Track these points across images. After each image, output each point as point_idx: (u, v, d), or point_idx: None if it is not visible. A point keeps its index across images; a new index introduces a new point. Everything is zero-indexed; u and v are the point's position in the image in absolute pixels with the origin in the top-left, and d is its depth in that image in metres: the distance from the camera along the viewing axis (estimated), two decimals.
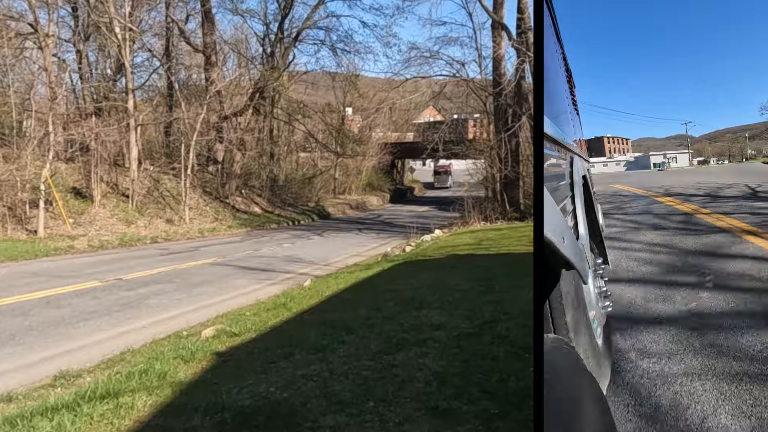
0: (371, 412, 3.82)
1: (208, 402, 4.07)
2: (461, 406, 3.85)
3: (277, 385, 4.39)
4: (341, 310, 7.16)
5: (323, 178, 36.90)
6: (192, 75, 31.59)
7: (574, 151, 3.60)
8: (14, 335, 7.37)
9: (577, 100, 6.28)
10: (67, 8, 23.83)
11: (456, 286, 8.12)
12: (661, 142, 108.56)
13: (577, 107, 6.24)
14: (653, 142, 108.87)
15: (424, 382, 4.32)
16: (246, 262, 14.34)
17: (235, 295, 10.07)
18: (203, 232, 21.58)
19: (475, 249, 13.21)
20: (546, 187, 1.74)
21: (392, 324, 6.12)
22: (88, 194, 20.55)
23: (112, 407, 4.11)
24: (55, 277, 11.58)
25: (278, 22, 30.34)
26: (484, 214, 22.59)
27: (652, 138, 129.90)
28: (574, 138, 4.31)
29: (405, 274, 10.20)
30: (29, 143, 18.15)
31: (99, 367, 5.87)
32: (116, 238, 18.13)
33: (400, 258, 13.30)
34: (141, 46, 25.98)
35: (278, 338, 5.98)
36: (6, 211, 17.02)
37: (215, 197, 26.48)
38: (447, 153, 29.11)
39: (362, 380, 4.42)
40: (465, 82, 26.90)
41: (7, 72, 20.07)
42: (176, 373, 4.93)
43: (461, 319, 6.16)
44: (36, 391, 5.17)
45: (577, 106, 6.12)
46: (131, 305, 9.17)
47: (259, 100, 29.14)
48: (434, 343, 5.30)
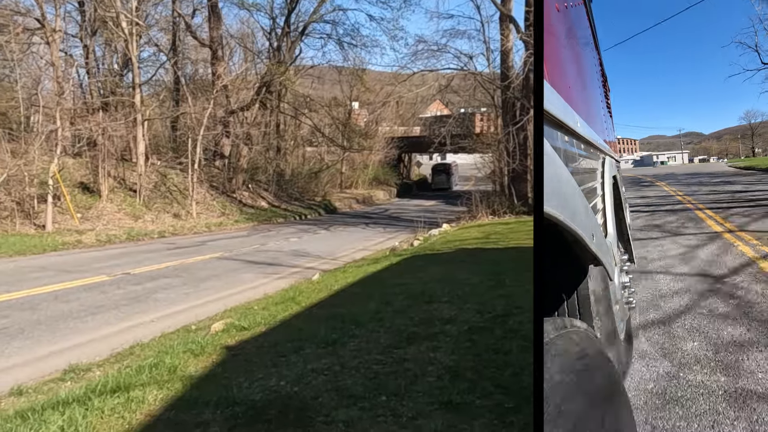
0: (384, 406, 3.78)
1: (219, 396, 4.04)
2: (474, 401, 3.80)
3: (288, 379, 4.36)
4: (350, 304, 7.12)
5: (330, 173, 36.84)
6: (198, 69, 31.60)
7: (606, 152, 3.68)
8: (23, 329, 7.37)
9: (611, 104, 6.51)
10: (73, 3, 23.87)
11: (465, 280, 8.07)
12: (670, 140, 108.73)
13: (611, 111, 6.41)
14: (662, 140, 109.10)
15: (436, 376, 4.27)
16: (253, 256, 14.33)
17: (243, 289, 10.06)
18: (210, 227, 21.59)
19: (483, 243, 13.15)
20: (578, 185, 1.82)
21: (402, 318, 6.08)
22: (95, 189, 20.59)
23: (123, 401, 4.08)
24: (63, 272, 11.59)
25: (285, 16, 30.25)
26: (491, 208, 22.48)
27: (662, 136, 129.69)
28: (606, 140, 4.38)
29: (413, 269, 10.15)
30: (37, 138, 18.18)
31: (108, 361, 5.86)
32: (123, 232, 18.16)
33: (408, 252, 13.25)
34: (147, 40, 25.99)
35: (288, 332, 5.95)
36: (14, 206, 17.07)
37: (222, 192, 26.49)
38: (454, 147, 28.99)
39: (373, 374, 4.38)
40: (472, 75, 26.76)
41: (14, 67, 20.06)
42: (186, 367, 4.91)
43: (472, 313, 6.11)
44: (46, 385, 5.16)
45: (611, 109, 6.31)
46: (139, 299, 9.16)
47: (265, 95, 29.08)
48: (445, 337, 5.25)
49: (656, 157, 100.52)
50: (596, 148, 3.16)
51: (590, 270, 2.26)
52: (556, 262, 2.16)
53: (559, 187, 1.52)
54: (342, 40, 31.60)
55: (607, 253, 2.37)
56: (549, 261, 2.05)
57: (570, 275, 2.25)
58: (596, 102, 3.82)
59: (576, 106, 2.32)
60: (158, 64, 27.85)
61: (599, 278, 2.38)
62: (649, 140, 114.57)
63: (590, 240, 1.84)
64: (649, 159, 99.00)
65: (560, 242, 1.81)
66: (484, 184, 26.30)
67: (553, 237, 1.72)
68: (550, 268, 2.15)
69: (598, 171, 3.14)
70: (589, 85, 3.21)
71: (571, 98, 2.20)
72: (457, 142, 28.19)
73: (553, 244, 1.84)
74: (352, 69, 33.85)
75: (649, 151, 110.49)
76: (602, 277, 2.42)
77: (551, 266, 2.16)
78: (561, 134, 1.97)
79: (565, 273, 2.24)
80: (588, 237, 1.81)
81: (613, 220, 3.13)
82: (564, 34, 2.17)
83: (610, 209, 3.10)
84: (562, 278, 2.26)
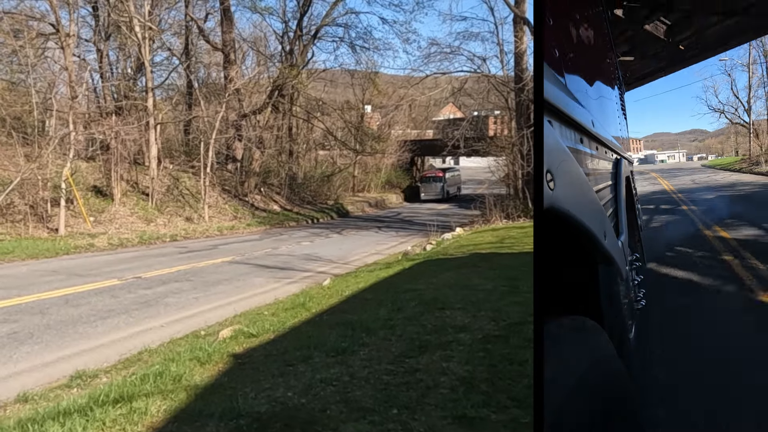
0: (394, 420, 3.62)
1: (223, 408, 3.90)
2: (489, 415, 3.64)
3: (296, 390, 4.21)
4: (361, 311, 6.97)
5: (342, 176, 36.73)
6: (211, 73, 31.71)
7: (620, 154, 3.79)
8: (32, 334, 7.31)
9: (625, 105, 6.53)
10: (87, 8, 24.00)
11: (479, 286, 7.89)
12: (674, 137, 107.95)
13: (625, 111, 6.39)
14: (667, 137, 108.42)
15: (449, 388, 4.11)
16: (264, 260, 14.24)
17: (253, 294, 9.95)
18: (222, 230, 21.56)
19: (497, 248, 12.93)
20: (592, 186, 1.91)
21: (414, 325, 5.91)
22: (108, 192, 20.64)
23: (125, 412, 3.96)
24: (75, 275, 11.57)
25: (297, 19, 30.25)
26: (505, 212, 22.25)
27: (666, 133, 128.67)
28: (620, 140, 4.48)
29: (426, 274, 9.98)
30: (50, 142, 18.26)
31: (116, 368, 5.77)
32: (136, 236, 18.17)
33: (420, 257, 13.08)
34: (160, 45, 26.08)
35: (297, 339, 5.81)
36: (28, 209, 17.13)
37: (234, 195, 26.49)
38: (468, 150, 28.78)
39: (384, 385, 4.22)
40: (486, 77, 26.57)
41: (29, 72, 20.20)
42: (192, 376, 4.78)
43: (486, 320, 5.93)
44: (52, 392, 5.07)
45: (625, 110, 6.31)
46: (149, 304, 9.08)
47: (278, 98, 29.08)
48: (459, 346, 5.08)
49: (657, 156, 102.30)
50: (610, 149, 3.23)
51: (602, 269, 2.32)
52: (569, 261, 2.20)
53: (572, 186, 1.53)
54: (354, 44, 31.57)
55: (619, 253, 2.44)
56: (561, 259, 2.12)
57: (582, 273, 2.30)
58: (612, 104, 3.84)
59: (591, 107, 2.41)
60: (171, 68, 27.99)
61: (610, 277, 2.46)
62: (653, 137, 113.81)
63: (602, 239, 1.90)
64: (652, 157, 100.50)
65: (573, 241, 1.86)
66: (497, 187, 26.02)
67: (566, 235, 1.79)
68: (562, 266, 2.20)
69: (612, 172, 3.21)
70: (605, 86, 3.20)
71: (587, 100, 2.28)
72: (471, 145, 27.98)
73: (565, 242, 1.93)
74: (365, 72, 33.78)
75: (653, 149, 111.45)
76: (613, 275, 2.50)
77: (563, 264, 2.20)
78: (576, 135, 2.00)
79: (577, 270, 2.28)
80: (600, 236, 1.87)
81: (625, 221, 3.20)
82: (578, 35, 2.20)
83: (623, 210, 3.18)
84: (574, 275, 2.30)
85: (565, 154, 1.53)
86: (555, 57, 1.60)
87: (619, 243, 2.68)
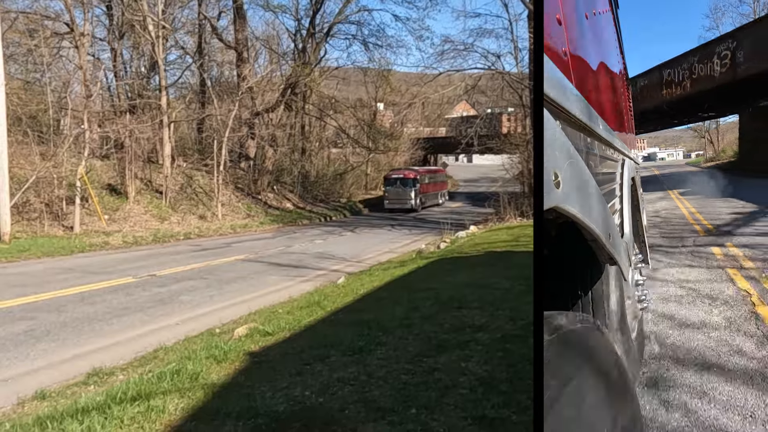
0: (414, 420, 3.57)
1: (241, 407, 3.87)
2: (510, 416, 3.57)
3: (313, 389, 4.17)
4: (377, 309, 6.92)
5: (355, 174, 36.68)
6: (224, 72, 31.80)
7: (625, 154, 3.79)
8: (49, 331, 7.35)
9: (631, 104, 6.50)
10: (101, 7, 24.16)
11: (496, 285, 7.80)
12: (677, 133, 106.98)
13: (632, 109, 6.33)
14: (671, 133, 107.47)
15: (468, 388, 4.05)
16: (278, 258, 14.24)
17: (267, 292, 9.94)
18: (235, 228, 21.62)
19: (513, 246, 12.82)
20: (598, 186, 1.92)
21: (431, 324, 5.85)
22: (122, 191, 20.76)
23: (143, 410, 3.94)
24: (90, 273, 11.63)
25: (309, 17, 30.25)
26: (520, 210, 22.05)
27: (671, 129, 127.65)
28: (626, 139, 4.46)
29: (441, 272, 9.91)
30: (65, 141, 18.39)
31: (132, 365, 5.78)
32: (150, 234, 18.26)
33: (435, 255, 13.01)
34: (174, 43, 26.23)
35: (313, 338, 5.77)
36: (43, 207, 17.27)
37: (247, 193, 26.55)
38: (481, 148, 28.61)
39: (402, 385, 4.17)
40: (500, 74, 26.36)
41: (44, 71, 20.37)
42: (209, 374, 4.76)
43: (504, 320, 5.85)
44: (69, 389, 5.08)
45: (632, 108, 6.26)
46: (164, 302, 9.10)
47: (290, 96, 29.09)
48: (477, 345, 5.01)
49: (657, 154, 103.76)
50: (616, 150, 3.28)
51: (605, 268, 2.35)
52: (573, 260, 2.25)
53: (578, 187, 1.54)
54: (367, 41, 31.54)
55: (623, 253, 2.44)
56: (565, 258, 2.19)
57: (586, 273, 2.34)
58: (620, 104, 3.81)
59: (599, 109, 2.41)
60: (184, 66, 28.09)
61: (614, 277, 2.48)
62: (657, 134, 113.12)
63: (607, 239, 1.91)
64: (654, 156, 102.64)
65: (577, 240, 1.87)
66: (511, 185, 25.85)
67: (570, 235, 1.83)
68: (567, 265, 2.26)
69: (617, 172, 3.25)
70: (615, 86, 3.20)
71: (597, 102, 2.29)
72: (484, 142, 27.80)
73: (570, 242, 1.99)
74: (378, 70, 33.75)
75: (656, 145, 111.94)
76: (617, 276, 2.52)
77: (568, 263, 2.26)
78: (583, 135, 2.01)
79: (581, 270, 2.33)
80: (605, 236, 1.88)
81: (629, 221, 3.21)
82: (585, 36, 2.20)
83: (628, 210, 3.19)
84: (578, 275, 2.34)
85: (571, 154, 1.52)
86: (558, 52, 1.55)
87: (624, 243, 2.66)
